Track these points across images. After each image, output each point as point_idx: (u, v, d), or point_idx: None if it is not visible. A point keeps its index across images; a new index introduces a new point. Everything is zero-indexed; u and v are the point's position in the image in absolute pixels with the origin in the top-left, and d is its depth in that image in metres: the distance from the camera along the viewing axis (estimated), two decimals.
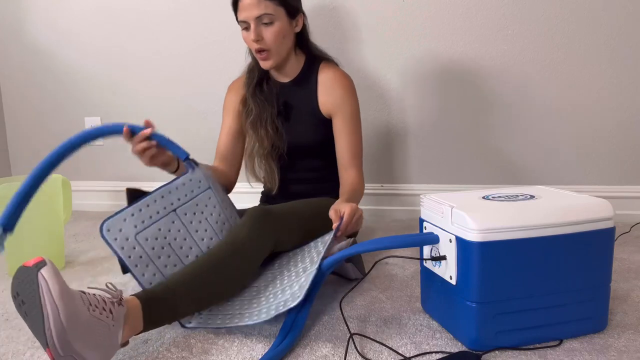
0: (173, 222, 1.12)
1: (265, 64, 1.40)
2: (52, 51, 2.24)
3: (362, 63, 1.94)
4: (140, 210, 1.09)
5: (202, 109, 2.13)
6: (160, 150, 1.18)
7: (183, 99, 2.15)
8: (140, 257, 1.05)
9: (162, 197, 1.13)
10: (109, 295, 0.89)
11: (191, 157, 1.22)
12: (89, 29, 2.18)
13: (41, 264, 0.79)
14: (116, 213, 1.06)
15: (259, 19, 1.33)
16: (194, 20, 2.07)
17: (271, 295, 1.07)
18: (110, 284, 0.92)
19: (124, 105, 2.22)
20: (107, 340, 0.84)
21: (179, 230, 1.12)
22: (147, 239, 1.07)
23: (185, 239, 1.12)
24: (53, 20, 2.21)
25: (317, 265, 1.04)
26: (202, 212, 1.17)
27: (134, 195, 1.11)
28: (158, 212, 1.11)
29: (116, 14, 2.14)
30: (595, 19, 1.78)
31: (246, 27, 1.37)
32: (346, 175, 1.44)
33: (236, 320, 1.01)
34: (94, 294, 0.87)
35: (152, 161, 1.18)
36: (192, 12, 2.07)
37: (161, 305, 0.96)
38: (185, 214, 1.15)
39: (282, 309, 0.98)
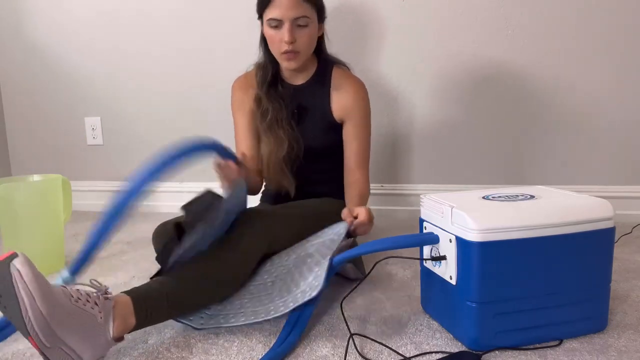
0: None
1: (290, 64, 1.37)
2: (52, 51, 2.24)
3: (363, 64, 1.94)
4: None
5: (203, 108, 2.13)
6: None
7: (183, 98, 2.14)
8: None
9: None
10: (93, 290, 0.89)
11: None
12: (89, 29, 2.18)
13: (13, 256, 0.79)
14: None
15: (296, 20, 1.30)
16: (194, 20, 2.07)
17: (284, 291, 1.07)
18: (94, 280, 0.92)
19: (124, 105, 2.22)
20: (97, 332, 0.84)
21: None
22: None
23: None
24: (53, 20, 2.21)
25: (329, 257, 1.03)
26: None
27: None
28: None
29: (116, 14, 2.14)
30: (595, 20, 1.77)
31: (277, 26, 1.32)
32: (352, 178, 1.43)
33: (252, 318, 1.02)
34: (77, 289, 0.86)
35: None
36: (192, 12, 2.07)
37: (153, 299, 0.95)
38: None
39: (300, 301, 0.99)
